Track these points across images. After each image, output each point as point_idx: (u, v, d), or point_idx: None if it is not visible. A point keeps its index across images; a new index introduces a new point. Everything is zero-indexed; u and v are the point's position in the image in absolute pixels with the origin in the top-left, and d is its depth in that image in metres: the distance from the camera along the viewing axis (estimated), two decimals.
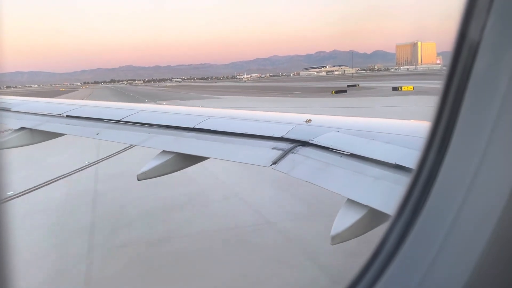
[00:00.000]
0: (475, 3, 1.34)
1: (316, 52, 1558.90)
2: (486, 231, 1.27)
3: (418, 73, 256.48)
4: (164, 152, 5.88)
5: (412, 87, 65.73)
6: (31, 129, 7.83)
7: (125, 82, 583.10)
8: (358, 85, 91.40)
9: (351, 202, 3.68)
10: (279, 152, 4.90)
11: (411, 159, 3.07)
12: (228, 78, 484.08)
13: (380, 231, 1.60)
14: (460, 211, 1.34)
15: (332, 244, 3.58)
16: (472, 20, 1.34)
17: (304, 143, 4.95)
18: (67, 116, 8.00)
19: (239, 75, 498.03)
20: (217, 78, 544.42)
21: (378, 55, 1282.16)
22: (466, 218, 1.33)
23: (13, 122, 8.10)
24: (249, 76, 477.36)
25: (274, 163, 4.77)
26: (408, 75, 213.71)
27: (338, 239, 3.54)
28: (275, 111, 7.94)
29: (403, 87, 66.76)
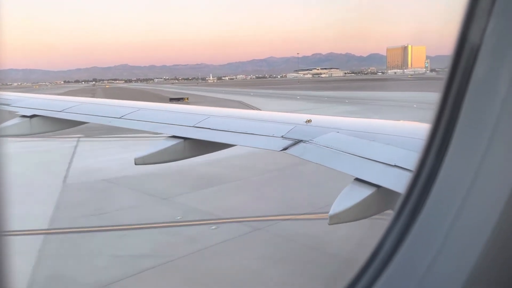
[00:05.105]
0: (476, 5, 1.33)
1: (313, 54, 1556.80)
2: (485, 234, 1.26)
3: (389, 78, 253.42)
4: (169, 138, 6.11)
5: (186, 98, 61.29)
6: (44, 117, 7.99)
7: (105, 81, 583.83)
8: (186, 99, 78.45)
9: (355, 184, 3.88)
10: (290, 142, 5.23)
11: (411, 161, 3.15)
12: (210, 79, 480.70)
13: (379, 229, 1.60)
14: (459, 214, 1.33)
15: (330, 224, 3.72)
16: (473, 22, 1.33)
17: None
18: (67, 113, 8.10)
19: (207, 77, 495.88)
20: (202, 79, 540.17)
21: (373, 58, 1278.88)
22: (465, 221, 1.33)
23: (23, 112, 8.22)
24: (215, 78, 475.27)
25: (285, 149, 5.11)
26: (372, 81, 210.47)
27: (336, 219, 3.68)
28: None
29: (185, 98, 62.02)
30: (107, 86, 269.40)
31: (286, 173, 19.68)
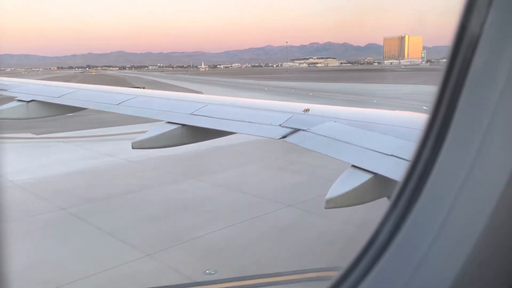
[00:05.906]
0: None
1: (310, 43, 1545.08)
2: (480, 225, 1.28)
3: (383, 69, 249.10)
4: (166, 124, 6.19)
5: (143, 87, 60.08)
6: (42, 102, 8.18)
7: (99, 68, 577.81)
8: (143, 87, 73.36)
9: (353, 170, 3.96)
10: (288, 130, 5.34)
11: (407, 151, 3.24)
12: (207, 67, 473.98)
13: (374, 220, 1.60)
14: (455, 204, 1.34)
15: (326, 208, 3.80)
16: (473, 13, 1.33)
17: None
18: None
19: (200, 65, 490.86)
20: (194, 67, 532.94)
21: (371, 48, 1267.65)
22: (461, 211, 1.33)
23: (21, 97, 8.34)
24: (206, 66, 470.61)
25: (284, 137, 5.23)
26: (364, 71, 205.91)
27: (332, 203, 3.75)
28: None
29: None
30: (93, 73, 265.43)
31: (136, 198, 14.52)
